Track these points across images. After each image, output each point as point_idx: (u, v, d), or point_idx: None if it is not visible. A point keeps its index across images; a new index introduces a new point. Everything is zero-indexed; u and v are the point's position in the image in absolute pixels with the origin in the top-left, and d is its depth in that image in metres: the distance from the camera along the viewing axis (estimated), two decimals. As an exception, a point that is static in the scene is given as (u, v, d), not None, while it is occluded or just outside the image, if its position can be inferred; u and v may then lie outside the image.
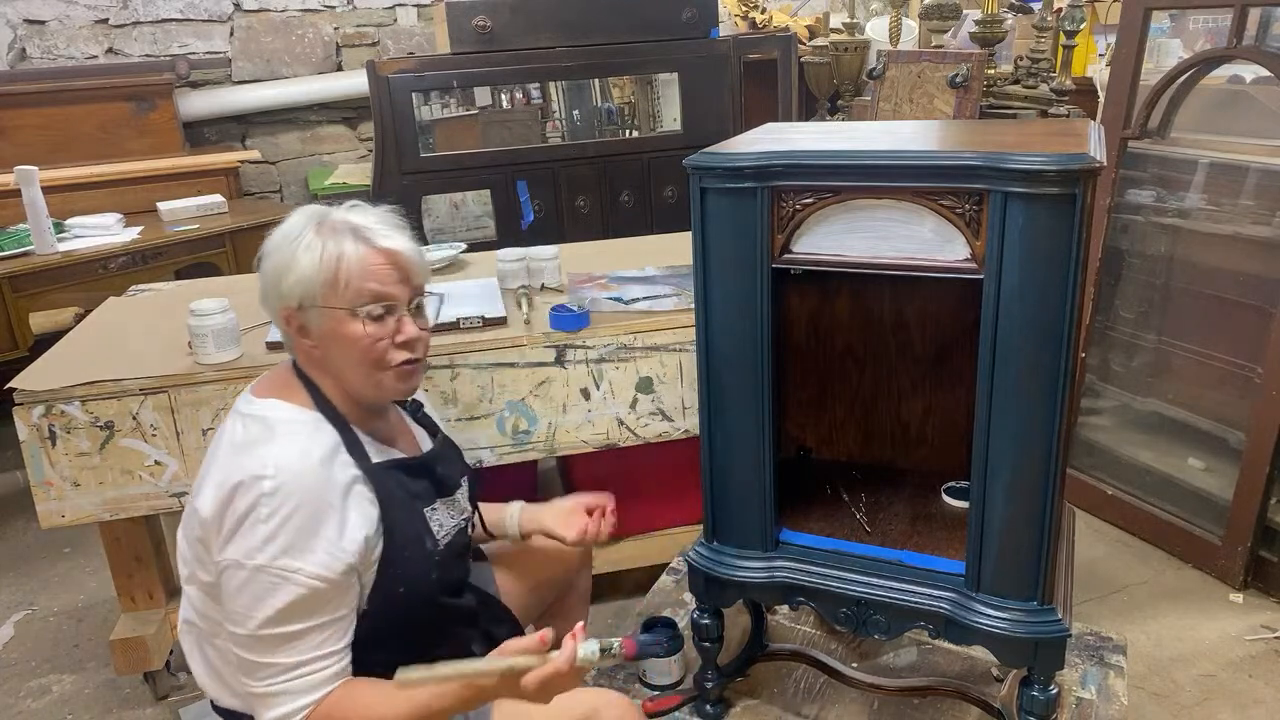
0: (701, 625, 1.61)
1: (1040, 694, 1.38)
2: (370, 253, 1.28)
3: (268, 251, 1.30)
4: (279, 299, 1.28)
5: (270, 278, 1.29)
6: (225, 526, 1.18)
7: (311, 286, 1.25)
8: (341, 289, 1.26)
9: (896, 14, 3.30)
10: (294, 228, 1.29)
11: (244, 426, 1.26)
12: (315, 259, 1.25)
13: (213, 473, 1.23)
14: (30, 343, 2.82)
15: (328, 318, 1.27)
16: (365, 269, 1.27)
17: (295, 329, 1.30)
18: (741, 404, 1.42)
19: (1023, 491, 1.30)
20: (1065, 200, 1.17)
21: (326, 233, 1.27)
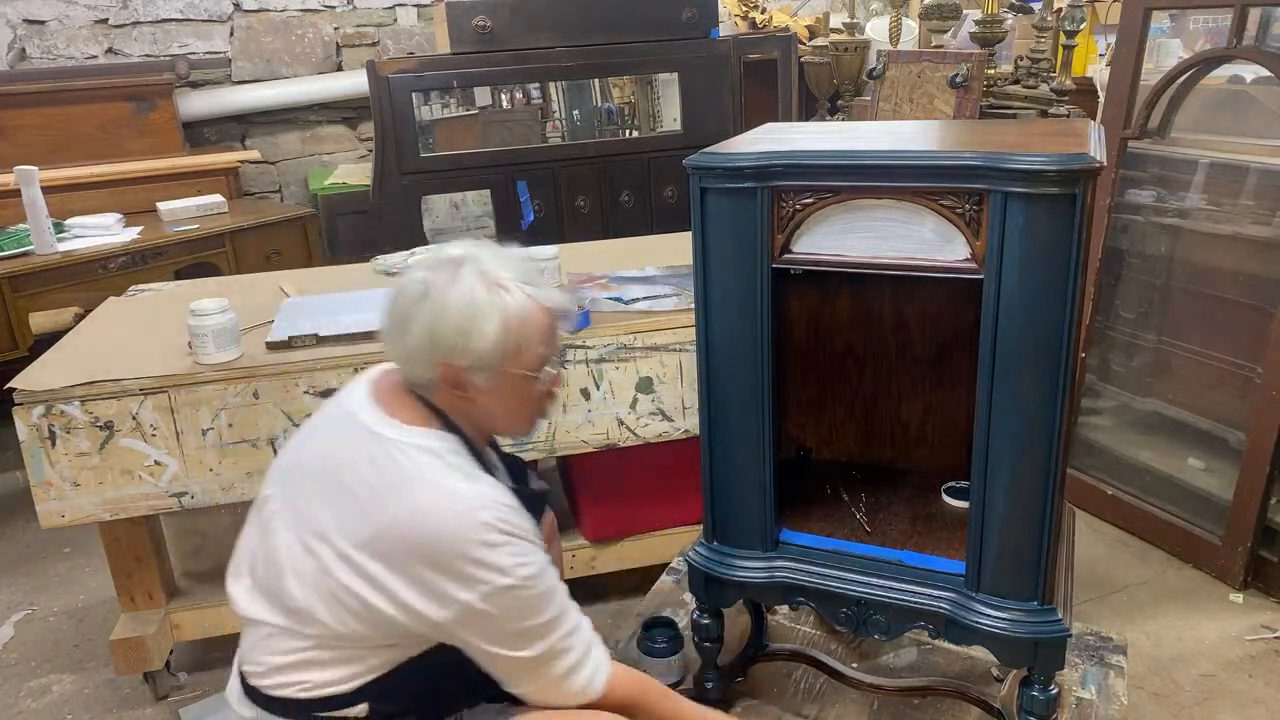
0: (701, 625, 1.61)
1: (1040, 694, 1.38)
2: (545, 314, 1.27)
3: (435, 311, 1.23)
4: (444, 357, 1.24)
5: (439, 339, 1.23)
6: (452, 570, 1.20)
7: (491, 352, 1.23)
8: (523, 354, 1.25)
9: (896, 14, 3.30)
10: (468, 292, 1.23)
11: (414, 461, 1.24)
12: (498, 326, 1.22)
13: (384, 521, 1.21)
14: (30, 343, 2.82)
15: (500, 378, 1.26)
16: (543, 332, 1.27)
17: (453, 383, 1.26)
18: (741, 404, 1.41)
19: (1023, 491, 1.30)
20: (1065, 200, 1.17)
21: (502, 294, 1.24)
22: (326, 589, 1.23)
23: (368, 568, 1.21)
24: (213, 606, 2.10)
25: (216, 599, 2.12)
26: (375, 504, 1.22)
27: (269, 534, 1.32)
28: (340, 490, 1.25)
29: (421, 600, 1.21)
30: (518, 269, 1.28)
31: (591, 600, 2.31)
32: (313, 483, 1.28)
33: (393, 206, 3.36)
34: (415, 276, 1.26)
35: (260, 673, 1.31)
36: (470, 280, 1.23)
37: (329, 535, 1.24)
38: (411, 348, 1.25)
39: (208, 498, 1.93)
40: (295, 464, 1.34)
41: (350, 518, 1.23)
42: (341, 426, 1.31)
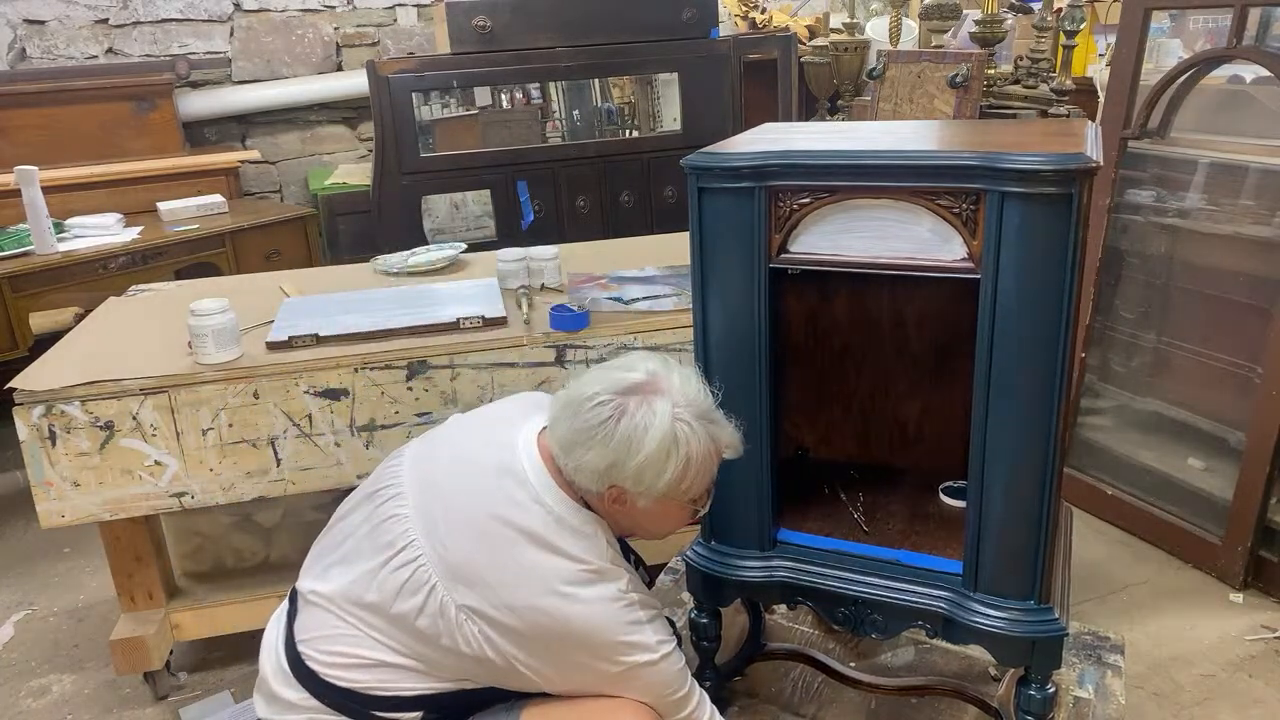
0: (700, 625, 1.61)
1: (1037, 693, 1.38)
2: (713, 452, 1.31)
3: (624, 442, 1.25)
4: (616, 481, 1.28)
5: (619, 468, 1.26)
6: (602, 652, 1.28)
7: (665, 487, 1.27)
8: (691, 489, 1.31)
9: (896, 14, 3.30)
10: (659, 429, 1.25)
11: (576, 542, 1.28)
12: (680, 466, 1.26)
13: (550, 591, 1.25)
14: (30, 343, 2.82)
15: (662, 504, 1.30)
16: (708, 469, 1.31)
17: (614, 499, 1.30)
18: (740, 404, 1.42)
19: (1020, 491, 1.30)
20: (1061, 200, 1.17)
21: (689, 435, 1.27)
22: (449, 630, 1.27)
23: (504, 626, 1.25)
24: (213, 606, 2.10)
25: (216, 599, 2.12)
26: (530, 571, 1.26)
27: (382, 529, 1.33)
28: (498, 552, 1.27)
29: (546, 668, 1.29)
30: (701, 402, 1.31)
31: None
32: (468, 527, 1.29)
33: (393, 206, 3.36)
34: (606, 398, 1.27)
35: (327, 662, 1.33)
36: (663, 417, 1.26)
37: (474, 588, 1.26)
38: (588, 465, 1.27)
39: (208, 498, 1.93)
40: (442, 489, 1.34)
41: (506, 585, 1.25)
42: (507, 480, 1.31)
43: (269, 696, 1.38)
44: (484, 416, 1.49)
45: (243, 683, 2.14)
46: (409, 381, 1.97)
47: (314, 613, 1.36)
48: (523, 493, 1.29)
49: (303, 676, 1.34)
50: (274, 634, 1.42)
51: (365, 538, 1.35)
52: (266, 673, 1.39)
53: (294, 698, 1.34)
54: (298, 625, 1.37)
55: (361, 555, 1.34)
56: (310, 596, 1.38)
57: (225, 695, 2.10)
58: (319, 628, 1.35)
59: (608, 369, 1.34)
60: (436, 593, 1.27)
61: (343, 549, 1.38)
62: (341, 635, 1.33)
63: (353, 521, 1.40)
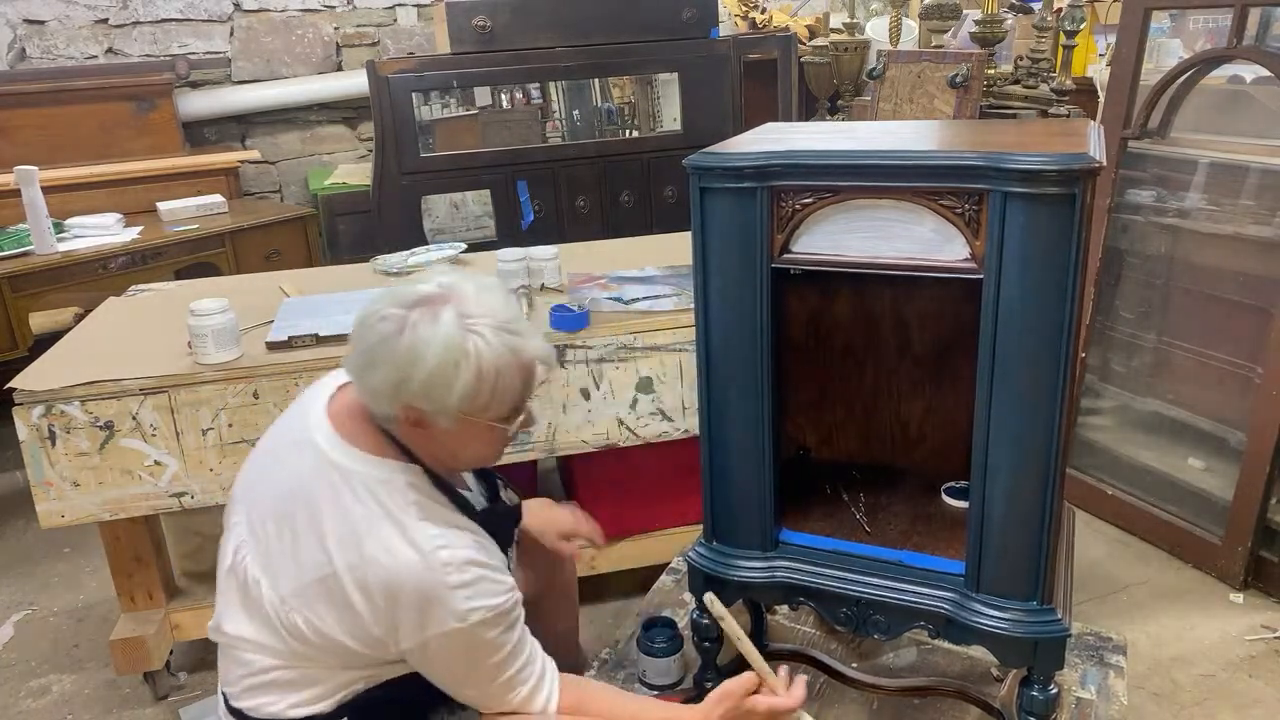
0: (701, 625, 1.61)
1: (1040, 694, 1.38)
2: (519, 366, 1.22)
3: (407, 355, 1.17)
4: (409, 400, 1.19)
5: (406, 384, 1.17)
6: (414, 611, 1.19)
7: (458, 400, 1.18)
8: (493, 406, 1.22)
9: (896, 14, 3.30)
10: (444, 337, 1.16)
11: (371, 497, 1.22)
12: (471, 378, 1.17)
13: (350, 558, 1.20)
14: (30, 343, 2.82)
15: (466, 424, 1.21)
16: (515, 384, 1.22)
17: (413, 422, 1.22)
18: (741, 404, 1.41)
19: (1022, 491, 1.30)
20: (1065, 200, 1.17)
21: (479, 343, 1.18)
22: (287, 618, 1.24)
23: (327, 603, 1.21)
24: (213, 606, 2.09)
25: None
26: (334, 543, 1.21)
27: (226, 549, 1.33)
28: (300, 525, 1.23)
29: (380, 634, 1.22)
30: (500, 311, 1.21)
31: (592, 600, 2.31)
32: (274, 512, 1.27)
33: (393, 206, 3.36)
34: (389, 312, 1.19)
35: (236, 693, 1.32)
36: (448, 326, 1.17)
37: (289, 567, 1.23)
38: (376, 386, 1.20)
39: (208, 498, 1.93)
40: (256, 484, 1.33)
41: (310, 553, 1.22)
42: (302, 453, 1.27)
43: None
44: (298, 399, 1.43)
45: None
46: (410, 381, 1.97)
47: (220, 651, 1.36)
48: (311, 456, 1.24)
49: (234, 714, 1.33)
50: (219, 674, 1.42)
51: (221, 562, 1.35)
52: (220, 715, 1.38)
53: None
54: (219, 664, 1.38)
55: (222, 580, 1.34)
56: (212, 636, 1.38)
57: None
58: (224, 662, 1.35)
59: (403, 285, 1.23)
60: (264, 589, 1.24)
61: (219, 576, 1.37)
62: (232, 661, 1.33)
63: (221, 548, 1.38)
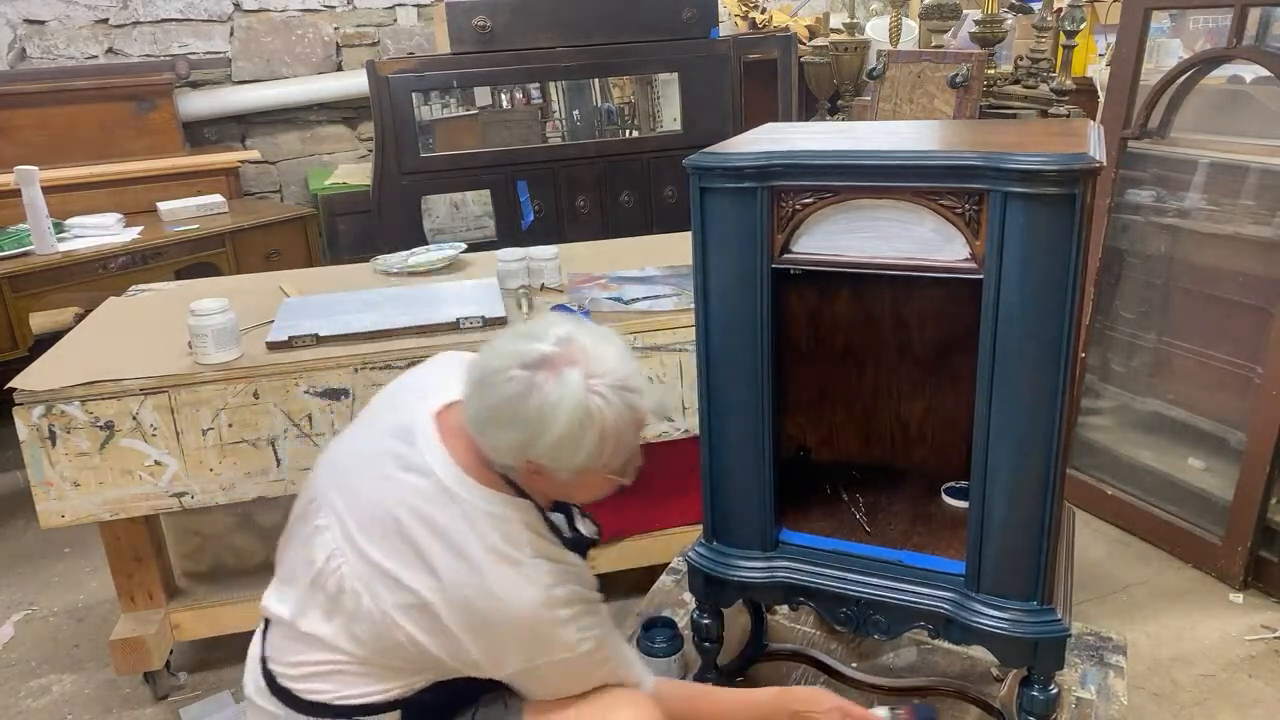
0: (701, 625, 1.61)
1: (1040, 694, 1.38)
2: (634, 419, 1.25)
3: (535, 419, 1.18)
4: (533, 457, 1.22)
5: (533, 445, 1.20)
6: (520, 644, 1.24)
7: (580, 456, 1.21)
8: (607, 458, 1.24)
9: (896, 14, 3.30)
10: (573, 397, 1.18)
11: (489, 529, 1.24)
12: (595, 439, 1.20)
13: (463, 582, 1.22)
14: (30, 343, 2.82)
15: (583, 474, 1.25)
16: (630, 438, 1.26)
17: (531, 471, 1.25)
18: (741, 404, 1.42)
19: (1023, 492, 1.30)
20: (1065, 200, 1.17)
21: (603, 405, 1.20)
22: (385, 631, 1.25)
23: (431, 626, 1.23)
24: (213, 606, 2.10)
25: (216, 599, 2.12)
26: (448, 573, 1.22)
27: (313, 550, 1.31)
28: (413, 550, 1.24)
29: (480, 658, 1.25)
30: (619, 368, 1.23)
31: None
32: (382, 531, 1.26)
33: (393, 206, 3.36)
34: (514, 373, 1.20)
35: (291, 676, 1.32)
36: (574, 389, 1.19)
37: (397, 587, 1.24)
38: (501, 444, 1.22)
39: (208, 498, 1.93)
40: (357, 497, 1.31)
41: (422, 578, 1.23)
42: (416, 477, 1.27)
43: (254, 710, 1.38)
44: (390, 397, 1.42)
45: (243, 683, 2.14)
46: (410, 381, 1.97)
47: (274, 629, 1.37)
48: (427, 484, 1.25)
49: (278, 693, 1.33)
50: (255, 650, 1.42)
51: (297, 556, 1.34)
52: (249, 689, 1.39)
53: (279, 713, 1.33)
54: (266, 643, 1.38)
55: (298, 574, 1.34)
56: (268, 614, 1.38)
57: (225, 695, 2.10)
58: (280, 644, 1.35)
59: (518, 338, 1.24)
60: (364, 601, 1.25)
61: (286, 565, 1.38)
62: (291, 646, 1.33)
63: (291, 540, 1.38)
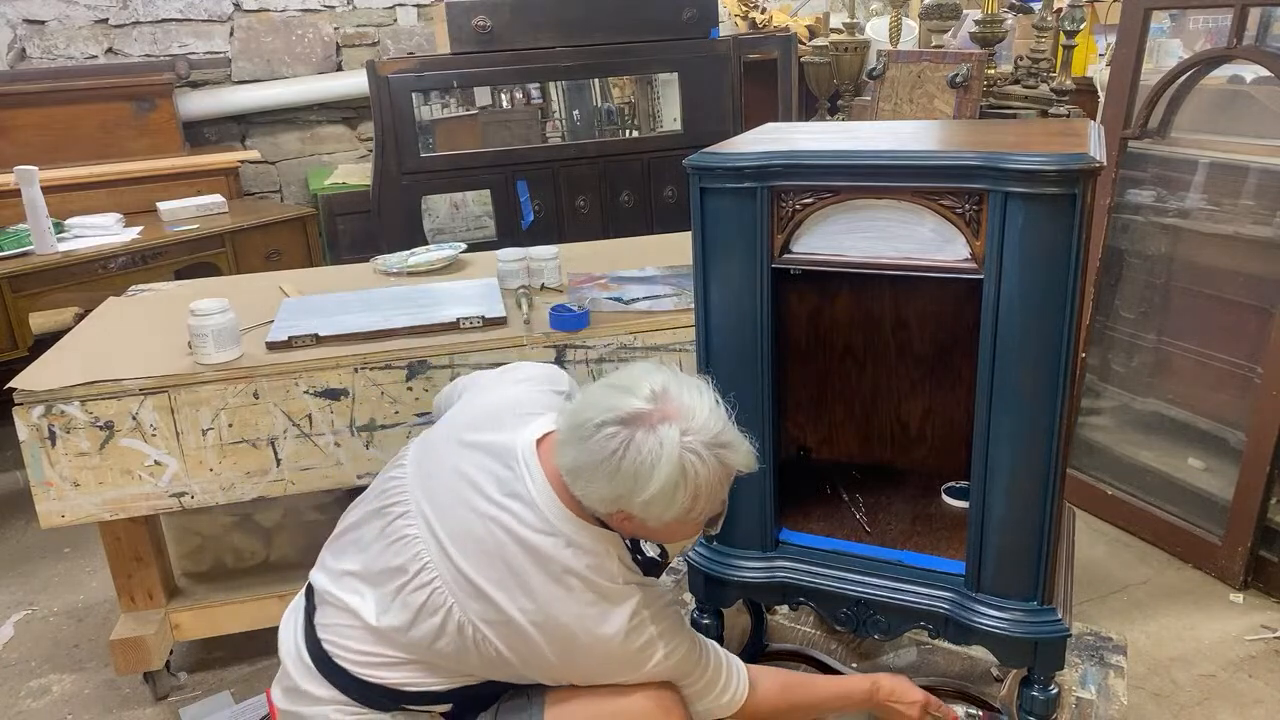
0: (702, 625, 1.61)
1: (1040, 694, 1.38)
2: (723, 474, 1.26)
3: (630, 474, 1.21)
4: (625, 508, 1.24)
5: (626, 498, 1.23)
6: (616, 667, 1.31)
7: (669, 508, 1.23)
8: (698, 512, 1.26)
9: (896, 14, 3.30)
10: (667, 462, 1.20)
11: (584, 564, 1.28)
12: (688, 498, 1.22)
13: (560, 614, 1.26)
14: (30, 343, 2.82)
15: (668, 525, 1.27)
16: (718, 492, 1.27)
17: (625, 519, 1.28)
18: (741, 404, 1.41)
19: (1023, 492, 1.30)
20: (1065, 200, 1.17)
21: (697, 464, 1.22)
22: (470, 643, 1.28)
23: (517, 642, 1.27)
24: (213, 606, 2.10)
25: (216, 599, 2.12)
26: (543, 593, 1.26)
27: (402, 556, 1.32)
28: (508, 567, 1.27)
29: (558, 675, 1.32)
30: (712, 424, 1.24)
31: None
32: (481, 550, 1.28)
33: (393, 206, 3.35)
34: (611, 430, 1.21)
35: (356, 661, 1.33)
36: (670, 448, 1.20)
37: (488, 603, 1.26)
38: (593, 494, 1.25)
39: (208, 498, 1.93)
40: (447, 505, 1.32)
41: (517, 600, 1.26)
42: (514, 498, 1.29)
43: (290, 690, 1.38)
44: (485, 411, 1.44)
45: (242, 683, 2.14)
46: (409, 381, 1.97)
47: (335, 614, 1.36)
48: (531, 514, 1.27)
49: (329, 671, 1.34)
50: (291, 629, 1.42)
51: (379, 556, 1.34)
52: (288, 667, 1.39)
53: (319, 691, 1.34)
54: (319, 620, 1.37)
55: (377, 575, 1.34)
56: (328, 598, 1.37)
57: (225, 695, 2.10)
58: (347, 630, 1.35)
59: (614, 389, 1.26)
60: (454, 614, 1.27)
61: (360, 560, 1.37)
62: (358, 634, 1.34)
63: (365, 535, 1.38)
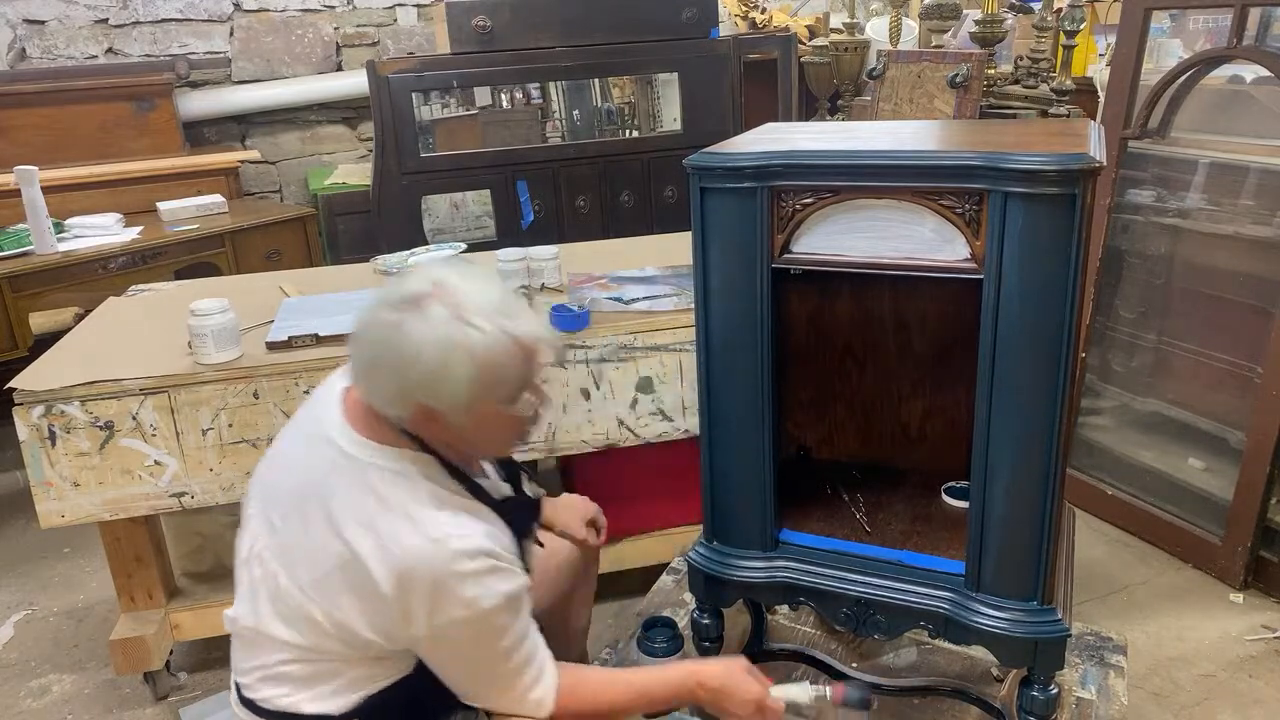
0: (702, 625, 1.61)
1: (1040, 694, 1.38)
2: (520, 347, 1.20)
3: (403, 356, 1.16)
4: (415, 400, 1.19)
5: (407, 385, 1.18)
6: (425, 599, 1.20)
7: (463, 393, 1.18)
8: (498, 390, 1.20)
9: (896, 14, 3.30)
10: (437, 332, 1.16)
11: (389, 489, 1.23)
12: (470, 369, 1.16)
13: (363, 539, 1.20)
14: (30, 343, 2.82)
15: (476, 414, 1.21)
16: (520, 365, 1.21)
17: (425, 418, 1.22)
18: (741, 404, 1.42)
19: (1022, 491, 1.30)
20: (1065, 200, 1.17)
21: (472, 332, 1.16)
22: (304, 609, 1.25)
23: (344, 591, 1.22)
24: (213, 606, 2.10)
25: (216, 599, 2.12)
26: (351, 533, 1.21)
27: (251, 549, 1.33)
28: (318, 517, 1.24)
29: (393, 621, 1.22)
30: (490, 299, 1.20)
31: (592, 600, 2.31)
32: (291, 506, 1.28)
33: (393, 206, 3.35)
34: (380, 316, 1.19)
35: (249, 684, 1.33)
36: (439, 322, 1.16)
37: (307, 559, 1.24)
38: (380, 391, 1.21)
39: (208, 498, 1.93)
40: (274, 480, 1.34)
41: (328, 543, 1.22)
42: (317, 447, 1.28)
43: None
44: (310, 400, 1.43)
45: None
46: (410, 381, 1.97)
47: (233, 640, 1.39)
48: (327, 450, 1.26)
49: (246, 705, 1.35)
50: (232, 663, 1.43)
51: (237, 556, 1.36)
52: (232, 704, 1.40)
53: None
54: (232, 654, 1.40)
55: (236, 573, 1.36)
56: (228, 627, 1.40)
57: (225, 695, 2.10)
58: (237, 653, 1.37)
59: (391, 285, 1.22)
60: (281, 581, 1.26)
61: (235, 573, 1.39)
62: (244, 651, 1.35)
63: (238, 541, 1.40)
